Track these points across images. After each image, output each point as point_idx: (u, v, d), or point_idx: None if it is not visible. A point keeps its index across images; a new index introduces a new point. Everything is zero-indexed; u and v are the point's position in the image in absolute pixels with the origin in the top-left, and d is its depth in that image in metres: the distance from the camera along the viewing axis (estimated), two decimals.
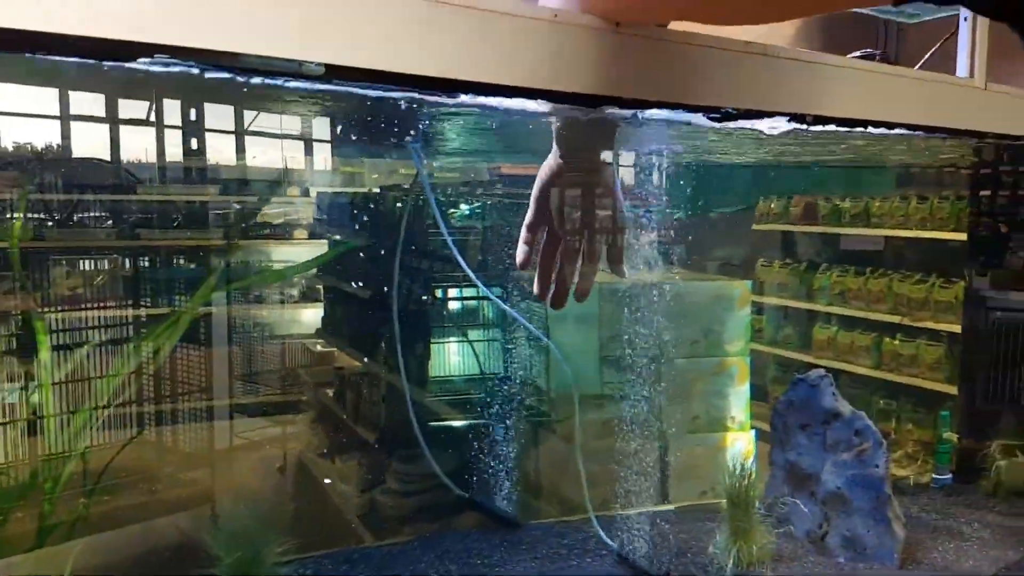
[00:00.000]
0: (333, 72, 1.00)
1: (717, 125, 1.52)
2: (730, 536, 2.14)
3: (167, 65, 0.85)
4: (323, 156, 5.08)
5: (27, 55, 0.77)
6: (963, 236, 3.63)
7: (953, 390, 3.79)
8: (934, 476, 2.95)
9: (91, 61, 0.81)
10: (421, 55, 1.05)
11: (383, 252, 3.63)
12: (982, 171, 3.26)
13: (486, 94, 1.12)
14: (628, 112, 1.38)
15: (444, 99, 1.23)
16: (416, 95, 1.18)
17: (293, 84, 1.09)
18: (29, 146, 4.25)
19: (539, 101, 1.24)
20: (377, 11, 1.01)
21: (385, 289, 3.07)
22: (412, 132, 2.05)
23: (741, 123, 1.52)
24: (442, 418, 3.40)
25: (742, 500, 2.16)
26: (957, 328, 3.91)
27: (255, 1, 0.88)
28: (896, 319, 4.60)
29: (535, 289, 1.52)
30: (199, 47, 0.84)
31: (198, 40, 0.83)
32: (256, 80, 1.02)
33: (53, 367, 3.22)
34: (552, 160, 1.48)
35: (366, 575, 2.05)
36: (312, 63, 0.97)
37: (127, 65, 0.83)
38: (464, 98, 1.20)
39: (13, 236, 3.20)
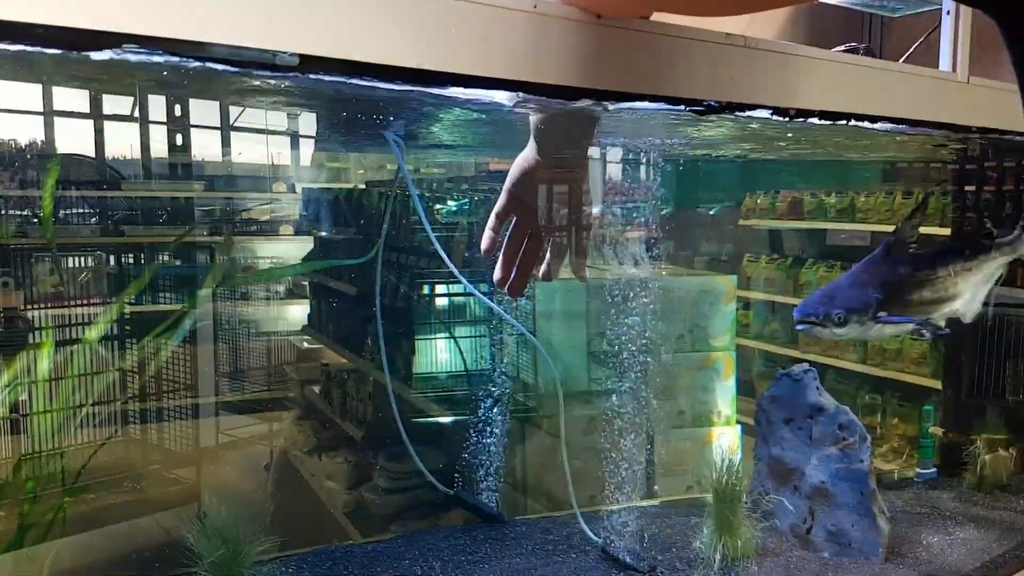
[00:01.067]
0: (308, 63, 0.99)
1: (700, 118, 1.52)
2: (715, 531, 2.14)
3: (133, 55, 0.83)
4: (308, 151, 5.06)
5: None
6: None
7: (938, 384, 3.80)
8: (918, 470, 2.95)
9: (54, 51, 0.79)
10: (397, 45, 1.03)
11: (368, 248, 3.61)
12: (967, 166, 3.26)
13: (463, 85, 1.11)
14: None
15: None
16: (395, 87, 1.17)
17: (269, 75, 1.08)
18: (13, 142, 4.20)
19: (518, 93, 1.23)
20: (353, 1, 0.99)
21: (371, 286, 3.05)
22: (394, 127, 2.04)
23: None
24: (428, 415, 3.39)
25: (727, 495, 2.15)
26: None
27: None
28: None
29: (495, 275, 1.53)
30: (167, 36, 0.82)
31: (165, 29, 0.82)
32: (230, 71, 1.00)
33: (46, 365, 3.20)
34: (528, 152, 1.50)
35: (347, 573, 2.03)
36: (286, 53, 0.96)
37: (93, 55, 0.82)
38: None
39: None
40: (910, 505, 2.66)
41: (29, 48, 0.81)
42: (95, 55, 0.82)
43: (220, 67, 0.95)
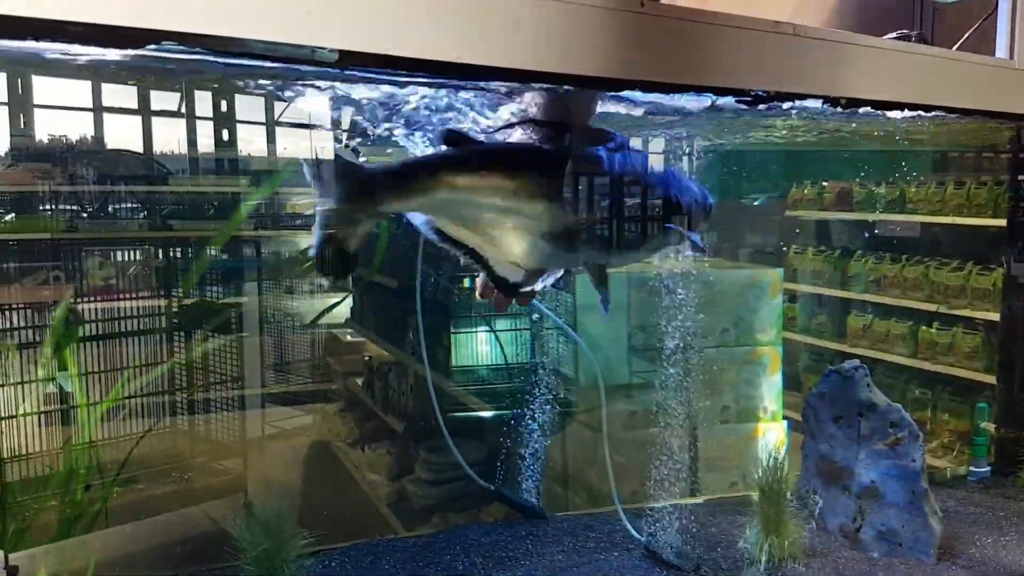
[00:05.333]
0: (347, 58, 0.97)
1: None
2: (761, 530, 2.10)
3: (172, 52, 0.82)
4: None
5: (29, 42, 0.75)
6: (1002, 222, 3.53)
7: (991, 379, 3.70)
8: (971, 468, 2.88)
9: (94, 49, 0.79)
10: (437, 39, 1.01)
11: (409, 242, 3.61)
12: (1021, 155, 3.16)
13: (503, 79, 1.09)
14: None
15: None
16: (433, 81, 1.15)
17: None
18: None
19: (562, 87, 1.20)
20: None
21: (412, 280, 3.05)
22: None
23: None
24: (469, 408, 3.38)
25: (774, 493, 2.11)
26: (995, 316, 3.82)
27: None
28: (933, 307, 4.51)
29: None
30: (204, 33, 0.81)
31: (203, 26, 0.81)
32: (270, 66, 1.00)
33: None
34: None
35: (389, 568, 2.03)
36: (325, 49, 0.95)
37: (132, 52, 0.81)
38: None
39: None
40: (962, 504, 2.59)
41: (69, 46, 0.80)
42: (132, 51, 0.82)
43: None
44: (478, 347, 3.59)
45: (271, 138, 4.99)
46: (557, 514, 2.48)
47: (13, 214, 3.68)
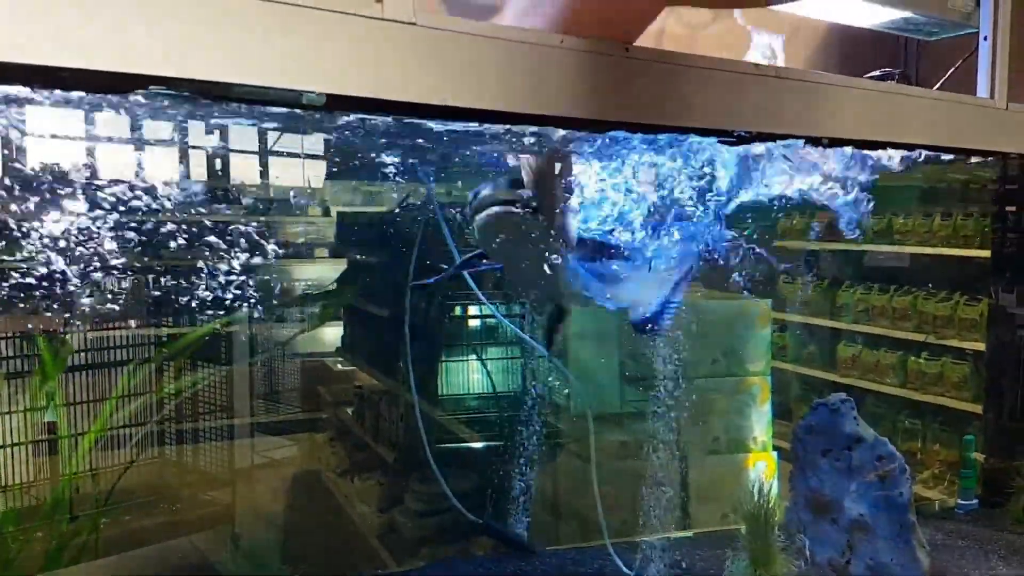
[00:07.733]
0: (335, 102, 0.99)
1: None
2: (749, 564, 2.10)
3: (162, 97, 0.84)
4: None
5: (16, 88, 0.76)
6: (988, 253, 3.57)
7: (979, 409, 3.72)
8: (959, 501, 2.88)
9: (83, 94, 0.80)
10: (424, 83, 1.03)
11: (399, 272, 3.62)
12: (1007, 187, 3.20)
13: (490, 121, 1.10)
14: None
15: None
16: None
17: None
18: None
19: (546, 128, 1.22)
20: (378, 40, 1.00)
21: (402, 309, 3.06)
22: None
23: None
24: (459, 438, 3.37)
25: (761, 526, 2.11)
26: (982, 346, 3.84)
27: (251, 31, 0.87)
28: (921, 337, 4.53)
29: None
30: (194, 78, 0.83)
31: (192, 71, 0.83)
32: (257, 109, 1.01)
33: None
34: None
35: None
36: (313, 93, 0.96)
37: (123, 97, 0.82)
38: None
39: None
40: (950, 537, 2.59)
41: (53, 92, 0.81)
42: (123, 98, 0.83)
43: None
44: (467, 377, 3.59)
45: None
46: (546, 548, 2.47)
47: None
